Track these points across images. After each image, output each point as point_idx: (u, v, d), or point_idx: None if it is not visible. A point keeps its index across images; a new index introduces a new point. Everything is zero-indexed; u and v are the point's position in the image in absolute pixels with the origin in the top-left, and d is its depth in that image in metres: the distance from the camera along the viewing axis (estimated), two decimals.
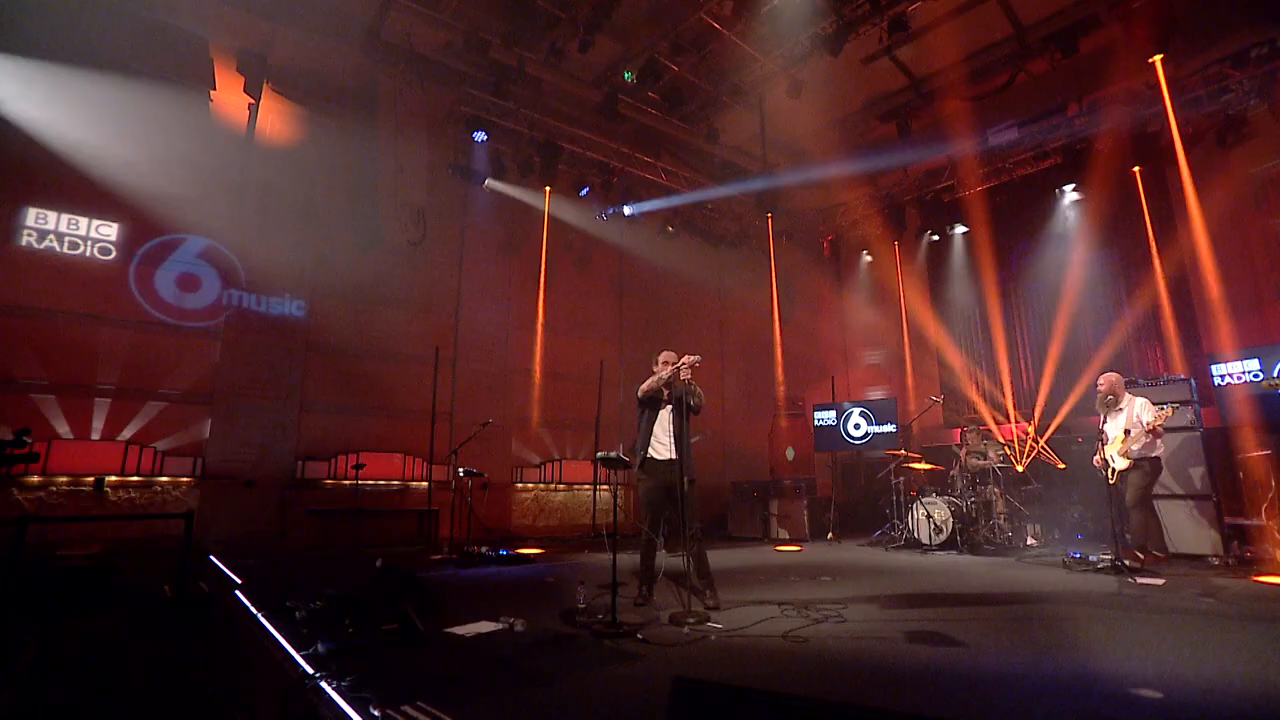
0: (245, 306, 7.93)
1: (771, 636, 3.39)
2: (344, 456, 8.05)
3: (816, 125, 11.03)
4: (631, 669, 2.83)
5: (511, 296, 10.19)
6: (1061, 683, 2.58)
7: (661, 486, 4.28)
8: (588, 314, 11.22)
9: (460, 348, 9.45)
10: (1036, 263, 9.43)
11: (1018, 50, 9.02)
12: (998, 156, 9.50)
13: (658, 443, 4.33)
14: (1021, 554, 6.69)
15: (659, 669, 2.82)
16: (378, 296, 8.78)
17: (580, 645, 3.23)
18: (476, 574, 5.82)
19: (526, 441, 10.09)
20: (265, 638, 3.33)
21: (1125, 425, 5.51)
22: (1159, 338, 8.20)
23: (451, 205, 9.66)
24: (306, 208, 8.43)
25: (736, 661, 2.95)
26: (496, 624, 3.62)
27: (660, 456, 4.32)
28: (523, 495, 9.83)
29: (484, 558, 6.54)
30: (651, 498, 4.31)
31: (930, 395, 8.78)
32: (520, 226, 10.31)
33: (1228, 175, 8.05)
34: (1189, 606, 3.98)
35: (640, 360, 12.15)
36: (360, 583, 4.10)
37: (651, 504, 4.31)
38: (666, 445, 4.32)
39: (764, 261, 12.40)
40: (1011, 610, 3.98)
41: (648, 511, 4.32)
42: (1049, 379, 8.86)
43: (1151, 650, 3.00)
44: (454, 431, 9.02)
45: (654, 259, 12.13)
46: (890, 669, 2.81)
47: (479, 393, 9.48)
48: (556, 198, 10.26)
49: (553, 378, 10.34)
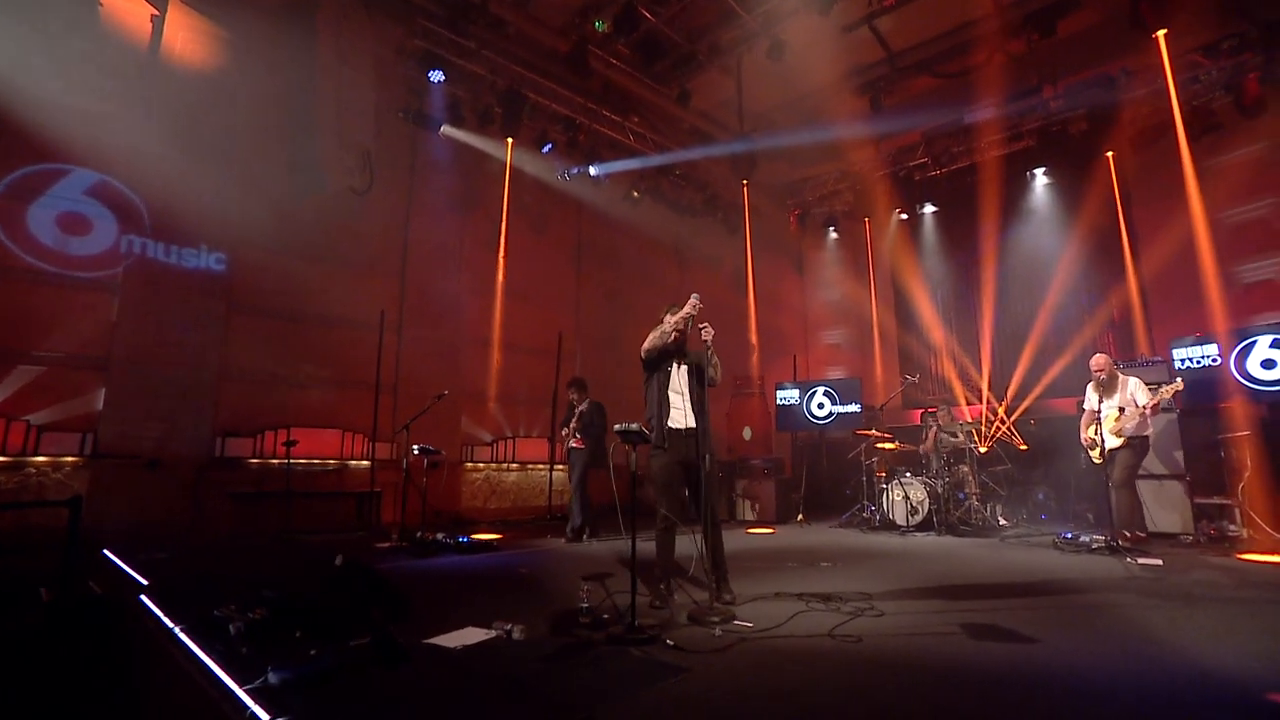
0: (150, 256, 6.72)
1: (816, 636, 2.95)
2: (273, 432, 7.04)
3: (789, 95, 10.64)
4: (682, 687, 2.30)
5: (464, 258, 9.29)
6: (1179, 689, 2.25)
7: (680, 462, 3.70)
8: (544, 281, 10.47)
9: (407, 313, 8.51)
10: (1006, 245, 9.47)
11: (996, 29, 8.89)
12: (972, 135, 9.42)
13: (674, 409, 3.73)
14: (1001, 535, 6.62)
15: (714, 686, 2.30)
16: (315, 251, 7.69)
17: (603, 656, 2.66)
18: (435, 565, 5.13)
19: (477, 417, 9.30)
20: (188, 661, 2.57)
21: (1119, 404, 5.43)
22: (1127, 322, 8.37)
23: (400, 153, 8.63)
24: (228, 145, 7.23)
25: (799, 670, 2.47)
26: (488, 631, 3.00)
27: (678, 425, 3.71)
28: (473, 475, 9.07)
29: (440, 545, 5.83)
30: (670, 475, 3.71)
31: (905, 375, 8.64)
32: (476, 181, 9.40)
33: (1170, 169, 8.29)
34: (1225, 593, 3.79)
35: (598, 332, 11.64)
36: (303, 580, 3.37)
37: (670, 483, 3.71)
38: (683, 411, 3.73)
39: (726, 234, 12.02)
40: (1051, 599, 3.71)
41: (664, 492, 3.70)
42: (1017, 360, 8.93)
43: (1239, 644, 2.75)
44: (398, 406, 8.14)
45: (614, 226, 11.50)
46: (979, 675, 2.41)
47: (426, 363, 8.60)
48: (517, 152, 9.39)
49: (506, 349, 9.57)
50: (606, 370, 11.08)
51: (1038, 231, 9.18)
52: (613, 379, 11.32)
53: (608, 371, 11.10)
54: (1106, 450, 5.42)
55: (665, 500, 3.69)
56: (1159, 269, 8.20)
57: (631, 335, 12.18)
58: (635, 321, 12.24)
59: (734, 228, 11.97)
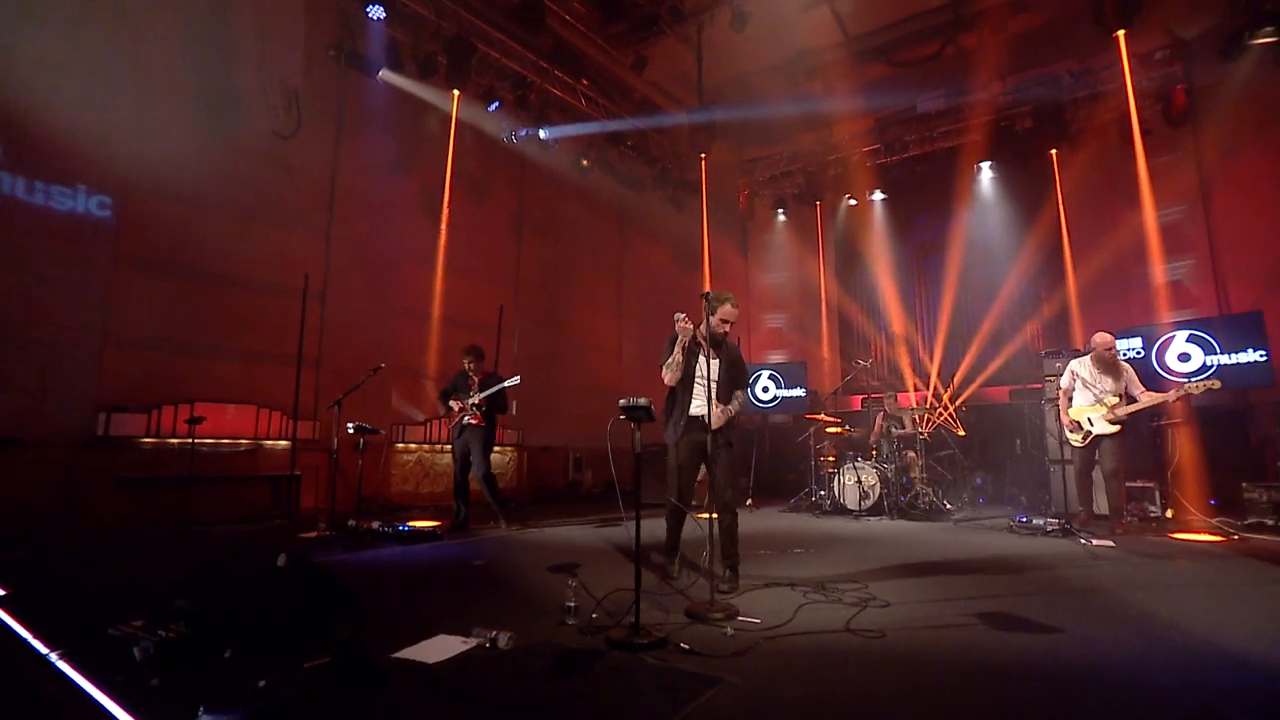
0: (10, 194, 5.58)
1: (834, 631, 2.71)
2: (173, 408, 6.08)
3: (743, 71, 10.44)
4: (721, 702, 1.95)
5: (397, 221, 8.47)
6: (1224, 679, 2.16)
7: (698, 446, 3.69)
8: (482, 252, 9.76)
9: (333, 278, 7.64)
10: (954, 235, 9.72)
11: (951, 21, 9.02)
12: (923, 125, 9.55)
13: (696, 398, 3.71)
14: (952, 519, 6.74)
15: (755, 698, 1.99)
16: (228, 201, 6.67)
17: (615, 667, 2.29)
18: (376, 558, 4.55)
19: (410, 395, 8.56)
20: (73, 699, 1.97)
21: (1116, 391, 5.31)
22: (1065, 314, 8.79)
23: (330, 98, 7.68)
24: (116, 67, 6.10)
25: (837, 673, 2.20)
26: (466, 640, 2.55)
27: (697, 413, 3.69)
28: (404, 458, 8.35)
29: (378, 535, 5.22)
30: (677, 459, 3.71)
31: (856, 360, 8.69)
32: (413, 137, 8.56)
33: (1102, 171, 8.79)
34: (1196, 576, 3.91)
35: (538, 309, 11.07)
36: (225, 582, 2.79)
37: (677, 467, 3.71)
38: (703, 401, 3.66)
39: (672, 211, 11.74)
40: (1043, 582, 3.66)
41: (671, 476, 3.73)
42: (960, 349, 9.20)
43: (1246, 629, 2.75)
44: (321, 380, 7.32)
45: (557, 197, 10.96)
46: (1023, 669, 2.23)
47: (354, 334, 7.78)
48: (461, 109, 8.62)
49: (442, 322, 8.86)
50: (545, 350, 10.57)
51: (984, 224, 9.48)
52: (552, 359, 10.84)
53: (547, 351, 10.60)
54: (1094, 435, 5.36)
55: (671, 484, 3.73)
56: (1093, 265, 8.65)
57: (573, 313, 11.80)
58: (576, 299, 11.77)
59: (681, 205, 11.69)
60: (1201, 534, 5.33)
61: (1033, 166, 8.91)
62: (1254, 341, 6.72)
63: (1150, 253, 8.10)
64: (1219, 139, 7.99)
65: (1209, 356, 6.88)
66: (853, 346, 11.05)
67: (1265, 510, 6.18)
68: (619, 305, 12.54)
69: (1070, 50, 8.25)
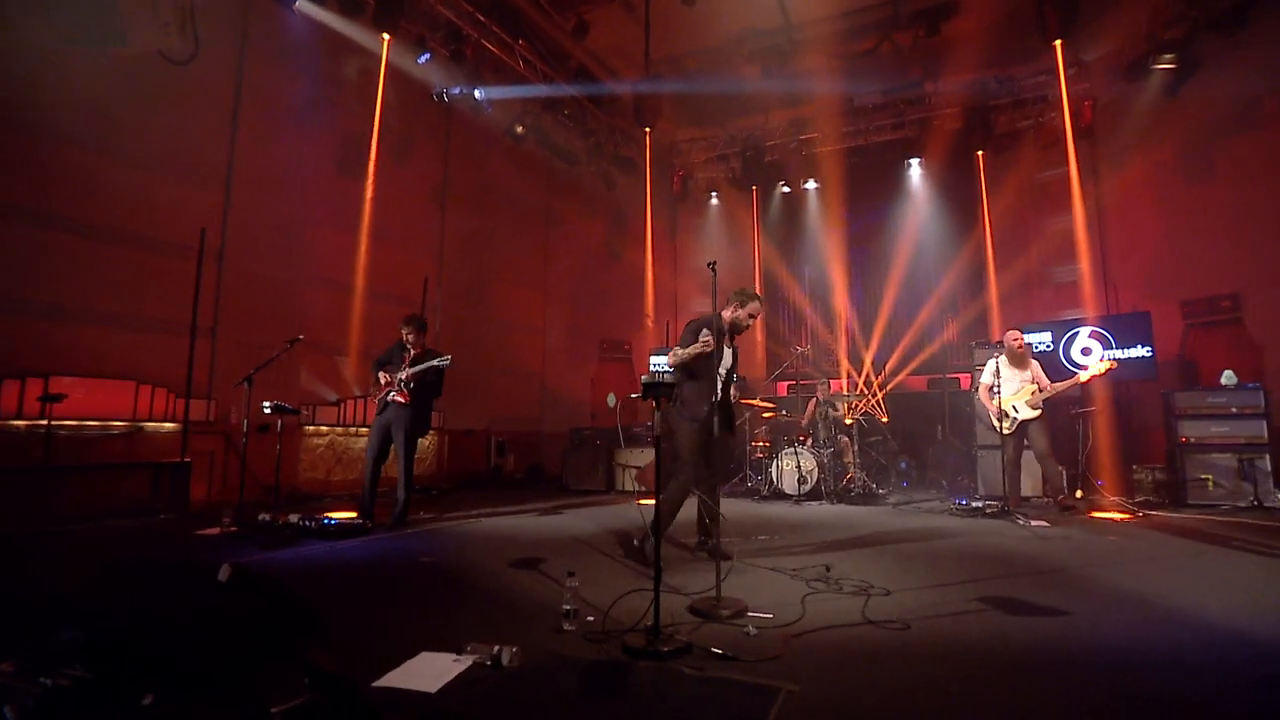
0: None
1: (854, 625, 2.58)
2: (23, 382, 5.00)
3: (683, 50, 10.21)
4: (804, 717, 1.74)
5: (308, 177, 7.52)
6: (1234, 654, 2.22)
7: (708, 431, 3.74)
8: (403, 218, 8.97)
9: (231, 237, 6.63)
10: (886, 229, 10.06)
11: (888, 18, 9.24)
12: (860, 117, 9.77)
13: (712, 385, 3.76)
14: (888, 503, 6.95)
15: (825, 709, 1.78)
16: (101, 135, 5.53)
17: (652, 681, 1.99)
18: (302, 558, 3.96)
19: (321, 372, 7.69)
20: None
21: (1032, 378, 5.74)
22: (986, 308, 9.35)
23: (232, 25, 6.61)
24: None
25: (890, 671, 2.04)
26: (457, 657, 2.17)
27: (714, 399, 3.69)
28: (315, 441, 7.51)
29: (299, 530, 4.58)
30: (699, 442, 3.85)
31: (795, 346, 8.79)
32: (330, 83, 7.62)
33: (1018, 176, 9.45)
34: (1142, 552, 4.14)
35: (462, 283, 10.34)
36: (125, 598, 2.23)
37: (699, 449, 3.87)
38: (719, 386, 3.78)
39: (603, 189, 11.38)
40: (1013, 564, 3.75)
41: (693, 457, 3.90)
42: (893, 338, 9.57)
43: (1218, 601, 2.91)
44: (217, 353, 6.37)
45: (485, 164, 10.30)
46: (1066, 656, 2.19)
47: (256, 303, 6.84)
48: (390, 54, 7.75)
49: (359, 293, 8.02)
50: (468, 328, 9.95)
51: (916, 219, 9.87)
52: (475, 338, 10.19)
53: (469, 330, 9.98)
54: (1016, 422, 5.75)
55: (692, 466, 3.89)
56: (1010, 263, 9.26)
57: (497, 290, 11.16)
58: (501, 276, 11.15)
59: (613, 183, 11.34)
60: (1111, 512, 5.81)
61: (961, 166, 9.39)
62: (1142, 339, 7.43)
63: (1056, 255, 8.79)
64: (1113, 153, 8.75)
65: (1107, 351, 7.54)
66: (783, 333, 11.24)
67: (1149, 489, 6.92)
68: (545, 284, 12.06)
69: (999, 58, 8.70)
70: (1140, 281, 8.40)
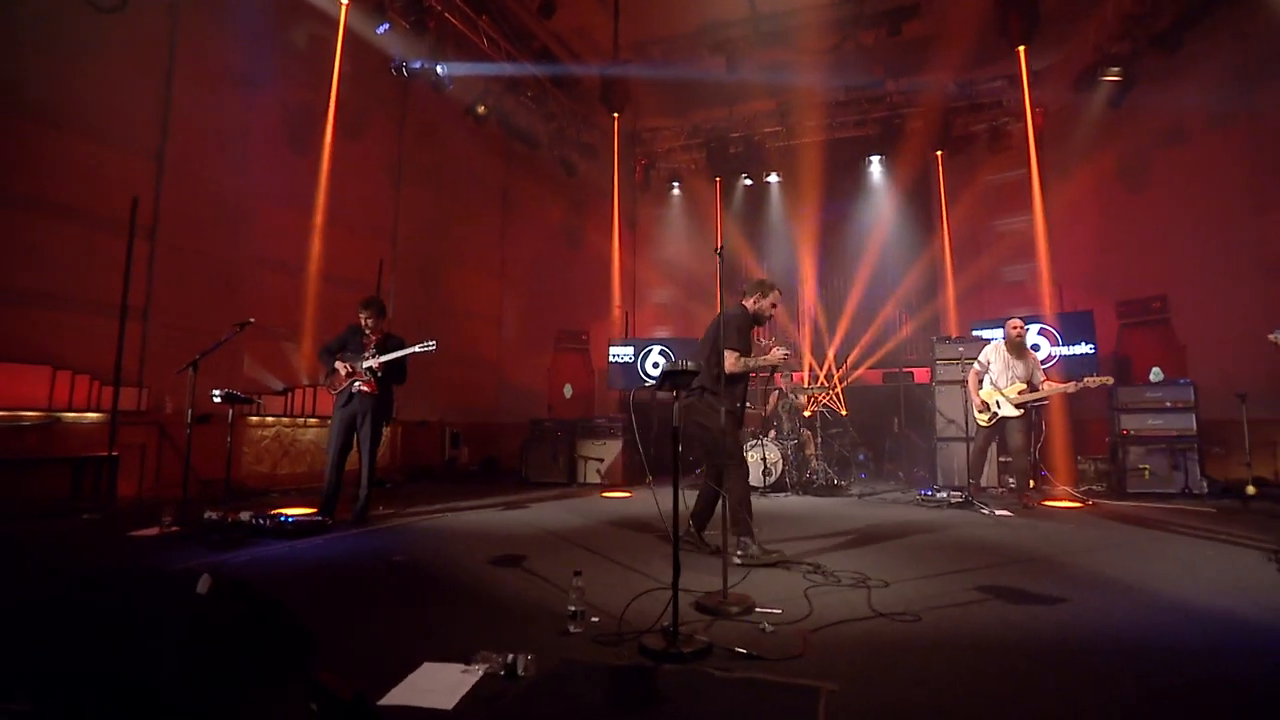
0: None
1: (866, 618, 2.55)
2: None
3: (649, 37, 10.06)
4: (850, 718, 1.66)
5: (252, 150, 6.97)
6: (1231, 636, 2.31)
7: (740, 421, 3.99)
8: (355, 198, 8.47)
9: (165, 211, 6.06)
10: (847, 224, 10.23)
11: (852, 15, 9.36)
12: (823, 113, 9.88)
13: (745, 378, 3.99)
14: (852, 494, 7.06)
15: (869, 709, 1.72)
16: (13, 87, 4.92)
17: (683, 686, 1.87)
18: (259, 559, 3.64)
19: (266, 359, 7.18)
20: None
21: (1025, 376, 5.66)
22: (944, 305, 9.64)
23: None
24: None
25: (914, 668, 2.00)
26: (468, 667, 1.99)
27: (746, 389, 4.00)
28: (260, 433, 7.01)
29: (253, 529, 4.22)
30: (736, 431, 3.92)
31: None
32: (276, 49, 7.06)
33: (972, 178, 9.80)
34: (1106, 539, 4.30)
35: (416, 268, 9.88)
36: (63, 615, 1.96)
37: (738, 439, 3.95)
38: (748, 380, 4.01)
39: (563, 175, 11.13)
40: (993, 553, 3.83)
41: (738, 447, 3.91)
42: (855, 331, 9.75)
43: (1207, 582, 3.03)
44: (149, 338, 5.83)
45: (441, 145, 9.89)
46: (1079, 644, 2.21)
47: (192, 282, 6.30)
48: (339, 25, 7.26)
49: (307, 275, 7.53)
50: (421, 315, 9.52)
51: (876, 215, 10.07)
52: (429, 325, 9.76)
53: (423, 316, 9.56)
54: (996, 416, 5.74)
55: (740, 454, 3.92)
56: (966, 262, 9.58)
57: (452, 276, 10.74)
58: (456, 261, 10.74)
59: (573, 169, 11.10)
60: (1062, 500, 6.09)
61: (920, 166, 9.64)
62: (1086, 336, 7.83)
63: (1007, 256, 9.15)
64: (1059, 159, 9.18)
65: (1054, 348, 7.91)
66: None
67: (1092, 478, 7.33)
68: (502, 271, 11.72)
69: (957, 62, 8.95)
70: (1081, 282, 8.85)
